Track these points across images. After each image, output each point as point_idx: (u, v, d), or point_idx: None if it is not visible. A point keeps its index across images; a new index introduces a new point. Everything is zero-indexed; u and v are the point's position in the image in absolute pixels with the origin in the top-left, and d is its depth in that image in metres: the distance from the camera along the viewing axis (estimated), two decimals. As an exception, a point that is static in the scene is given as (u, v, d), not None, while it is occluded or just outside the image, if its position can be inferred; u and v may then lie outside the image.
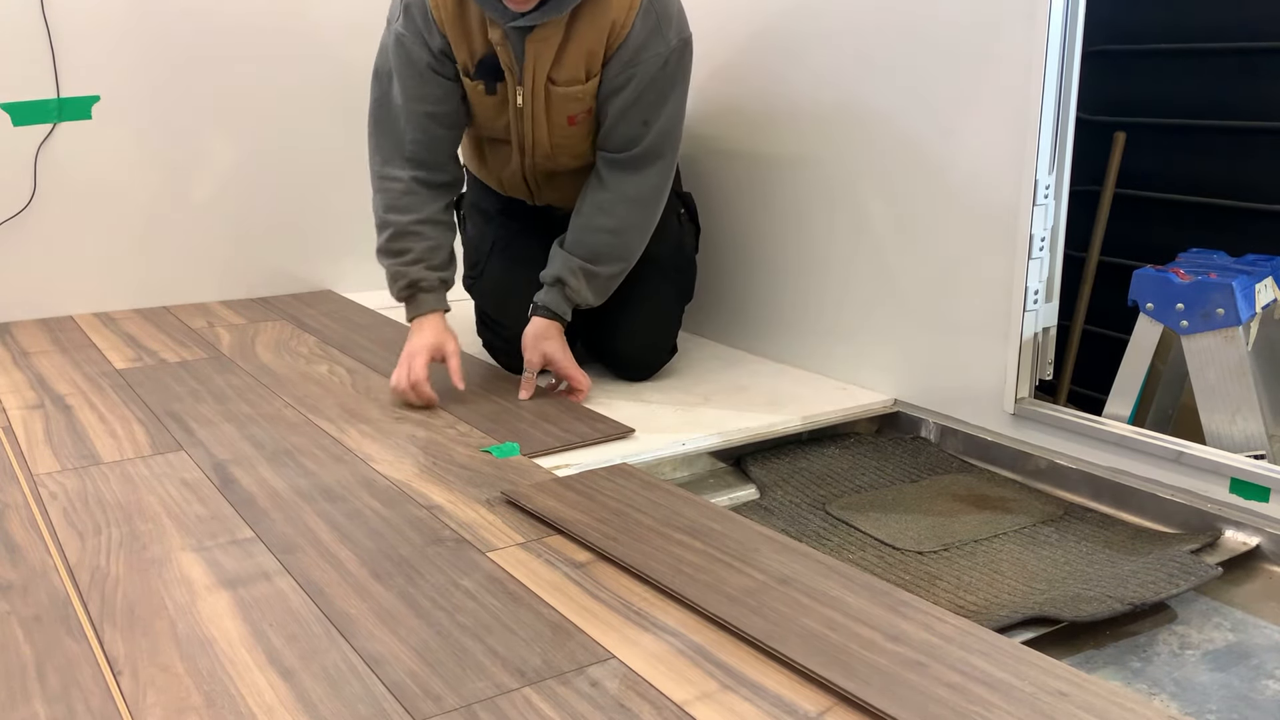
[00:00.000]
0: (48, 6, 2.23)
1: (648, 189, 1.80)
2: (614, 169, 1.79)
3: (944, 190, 1.74)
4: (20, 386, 1.85)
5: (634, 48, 1.69)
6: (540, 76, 1.71)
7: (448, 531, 1.29)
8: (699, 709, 0.93)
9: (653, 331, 1.97)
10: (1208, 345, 1.64)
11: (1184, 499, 1.48)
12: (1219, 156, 2.19)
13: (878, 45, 1.81)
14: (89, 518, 1.32)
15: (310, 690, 0.96)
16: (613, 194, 1.79)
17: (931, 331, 1.80)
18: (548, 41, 1.67)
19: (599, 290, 1.82)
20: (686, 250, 2.04)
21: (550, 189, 1.92)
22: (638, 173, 1.79)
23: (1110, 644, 1.22)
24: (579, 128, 1.79)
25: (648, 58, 1.71)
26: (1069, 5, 1.55)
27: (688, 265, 2.05)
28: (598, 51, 1.70)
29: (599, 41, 1.68)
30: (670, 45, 1.72)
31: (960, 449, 1.76)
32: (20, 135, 2.26)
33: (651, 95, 1.74)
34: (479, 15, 1.68)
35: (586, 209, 1.80)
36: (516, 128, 1.79)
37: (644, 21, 1.68)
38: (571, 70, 1.71)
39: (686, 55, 1.77)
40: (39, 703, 0.94)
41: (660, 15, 1.70)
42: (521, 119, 1.77)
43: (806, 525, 1.50)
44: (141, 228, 2.42)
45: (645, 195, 1.80)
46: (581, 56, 1.70)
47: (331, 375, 1.95)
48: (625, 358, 1.97)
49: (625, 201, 1.79)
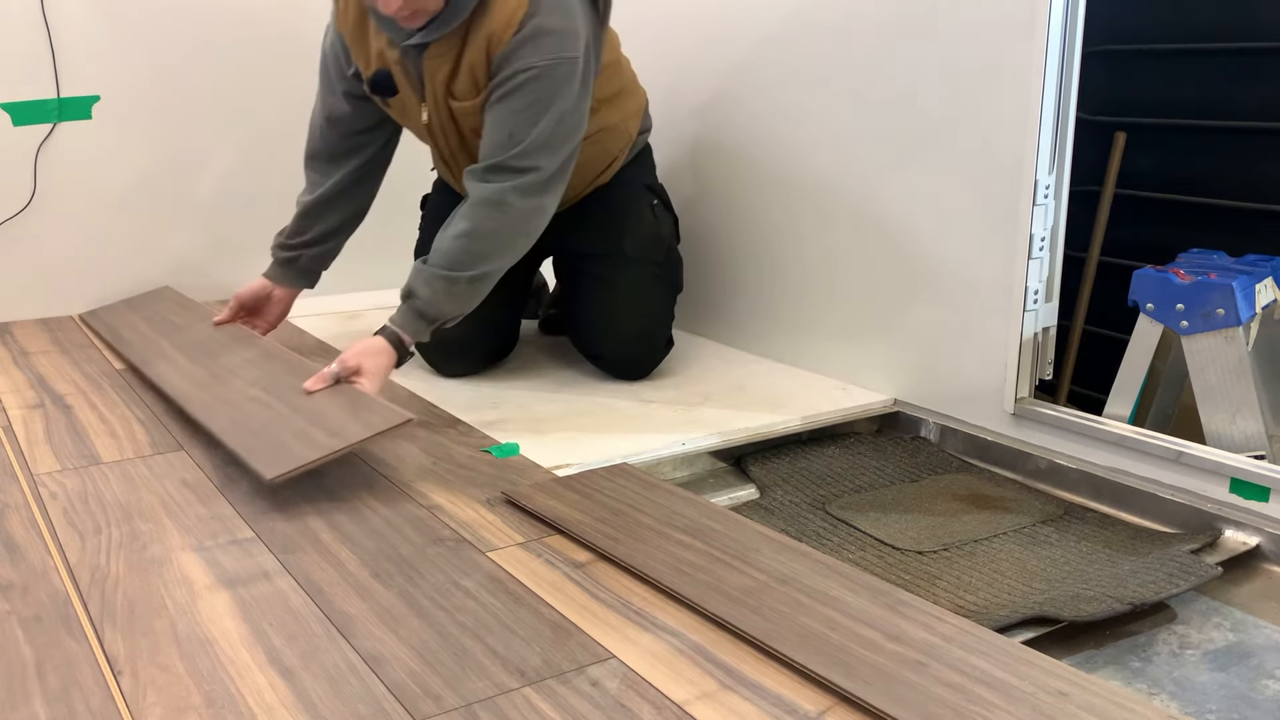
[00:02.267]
0: (48, 6, 2.23)
1: (506, 195, 1.67)
2: (473, 177, 1.70)
3: (944, 190, 1.74)
4: (20, 386, 1.85)
5: (506, 60, 1.66)
6: (440, 92, 1.74)
7: (448, 531, 1.29)
8: (699, 709, 0.93)
9: (642, 328, 1.95)
10: (1208, 345, 1.64)
11: (1184, 499, 1.48)
12: (1219, 156, 2.19)
13: (878, 44, 1.81)
14: (89, 518, 1.32)
15: (310, 690, 0.96)
16: (470, 200, 1.69)
17: (931, 331, 1.80)
18: (444, 57, 1.69)
19: (459, 298, 1.67)
20: (665, 240, 2.00)
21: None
22: (495, 182, 1.68)
23: (1110, 644, 1.22)
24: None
25: (517, 71, 1.66)
26: (1069, 5, 1.55)
27: (668, 256, 2.01)
28: (482, 64, 1.69)
29: (481, 55, 1.68)
30: (543, 62, 1.66)
31: (960, 449, 1.76)
32: (20, 135, 2.26)
33: (520, 108, 1.67)
34: (375, 28, 1.73)
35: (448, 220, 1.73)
36: (434, 142, 1.86)
37: (519, 36, 1.65)
38: (465, 84, 1.72)
39: (561, 74, 1.67)
40: (39, 703, 0.94)
41: (540, 31, 1.65)
42: (432, 133, 1.82)
43: (806, 525, 1.50)
44: (141, 228, 2.42)
45: (502, 200, 1.68)
46: (469, 71, 1.70)
47: (331, 375, 1.94)
48: (617, 359, 1.96)
49: (481, 204, 1.68)
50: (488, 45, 1.67)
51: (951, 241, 1.74)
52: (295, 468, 1.36)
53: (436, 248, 1.68)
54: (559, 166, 1.71)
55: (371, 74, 1.78)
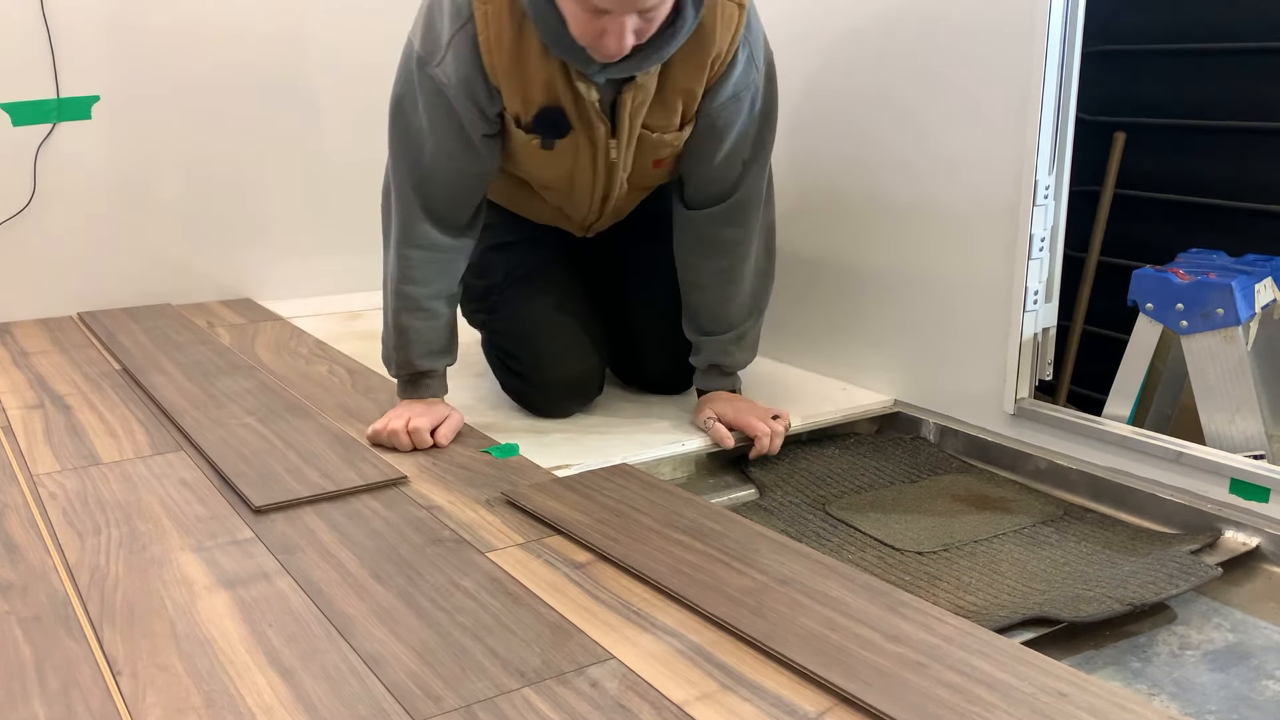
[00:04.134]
0: (48, 6, 2.23)
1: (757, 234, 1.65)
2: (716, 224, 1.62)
3: (944, 190, 1.74)
4: (20, 386, 1.85)
5: (734, 81, 1.52)
6: (636, 126, 1.53)
7: (447, 532, 1.29)
8: (699, 709, 0.93)
9: (677, 345, 1.77)
10: (1207, 345, 1.64)
11: (1184, 499, 1.48)
12: (1219, 156, 2.18)
13: (877, 45, 1.81)
14: (89, 518, 1.32)
15: (310, 690, 0.96)
16: (728, 258, 1.64)
17: (931, 331, 1.80)
18: (645, 88, 1.48)
19: (753, 347, 1.74)
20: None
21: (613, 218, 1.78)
22: (743, 225, 1.62)
23: (1110, 644, 1.22)
24: (663, 169, 1.64)
25: (746, 91, 1.54)
26: (1069, 6, 1.55)
27: None
28: (696, 91, 1.51)
29: (698, 79, 1.49)
30: (763, 74, 1.57)
31: (960, 449, 1.76)
32: (20, 135, 2.26)
33: (751, 131, 1.58)
34: (539, 59, 1.44)
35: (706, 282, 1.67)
36: (600, 179, 1.61)
37: (742, 51, 1.50)
38: (669, 115, 1.53)
39: (776, 82, 1.62)
40: (39, 703, 0.94)
41: (753, 43, 1.53)
42: (613, 172, 1.60)
43: (806, 525, 1.50)
44: (141, 228, 2.42)
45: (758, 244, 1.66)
46: (678, 98, 1.51)
47: (331, 375, 1.95)
48: (656, 379, 1.87)
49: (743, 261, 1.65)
50: (709, 66, 1.49)
51: (951, 241, 1.74)
52: (284, 500, 1.36)
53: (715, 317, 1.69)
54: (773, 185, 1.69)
55: (536, 112, 1.49)
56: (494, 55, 1.44)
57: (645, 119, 1.53)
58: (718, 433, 1.63)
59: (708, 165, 1.60)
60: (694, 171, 1.62)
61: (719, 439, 1.63)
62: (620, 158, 1.57)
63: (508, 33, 1.42)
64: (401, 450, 1.55)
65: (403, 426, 1.55)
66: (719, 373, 1.72)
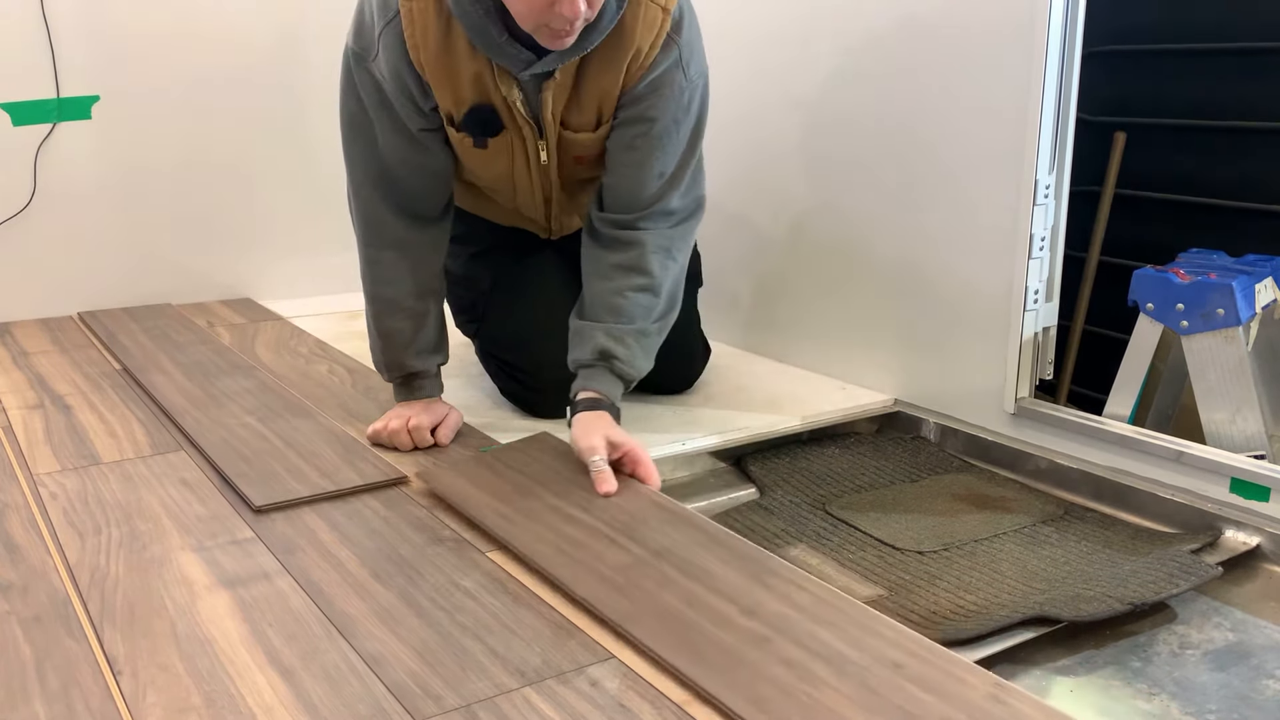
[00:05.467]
0: (48, 7, 2.23)
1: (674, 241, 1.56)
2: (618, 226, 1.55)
3: (944, 190, 1.74)
4: (20, 386, 1.85)
5: (653, 83, 1.46)
6: (555, 124, 1.51)
7: (447, 531, 1.29)
8: (698, 709, 0.93)
9: (678, 343, 1.70)
10: (1208, 345, 1.64)
11: (1184, 499, 1.48)
12: (1219, 156, 2.19)
13: (878, 45, 1.81)
14: (89, 518, 1.32)
15: (310, 690, 0.96)
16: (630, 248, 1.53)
17: (931, 331, 1.80)
18: (562, 85, 1.46)
19: (651, 351, 1.54)
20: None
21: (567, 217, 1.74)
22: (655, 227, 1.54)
23: (1110, 644, 1.22)
24: (586, 165, 1.59)
25: (667, 95, 1.47)
26: (1069, 6, 1.55)
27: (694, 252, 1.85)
28: (612, 91, 1.47)
29: (614, 79, 1.45)
30: (694, 87, 1.50)
31: (960, 449, 1.76)
32: (20, 135, 2.26)
33: (669, 141, 1.51)
34: (467, 56, 1.43)
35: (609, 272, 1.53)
36: (537, 181, 1.60)
37: (665, 53, 1.45)
38: (586, 114, 1.49)
39: (708, 96, 1.54)
40: (39, 703, 0.94)
41: (682, 51, 1.46)
42: (546, 173, 1.58)
43: (806, 525, 1.50)
44: (141, 228, 2.42)
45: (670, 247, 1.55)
46: (595, 97, 1.47)
47: (331, 375, 1.95)
48: (659, 381, 1.75)
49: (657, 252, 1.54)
50: (629, 64, 1.44)
51: (951, 241, 1.74)
52: (284, 500, 1.36)
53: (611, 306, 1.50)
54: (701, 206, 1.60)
55: (466, 110, 1.47)
56: (420, 51, 1.42)
57: (563, 116, 1.50)
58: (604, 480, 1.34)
59: (623, 174, 1.54)
60: (608, 183, 1.56)
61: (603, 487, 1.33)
62: (550, 159, 1.55)
63: (434, 29, 1.41)
64: (402, 450, 1.55)
65: (403, 426, 1.55)
66: (606, 372, 1.49)
